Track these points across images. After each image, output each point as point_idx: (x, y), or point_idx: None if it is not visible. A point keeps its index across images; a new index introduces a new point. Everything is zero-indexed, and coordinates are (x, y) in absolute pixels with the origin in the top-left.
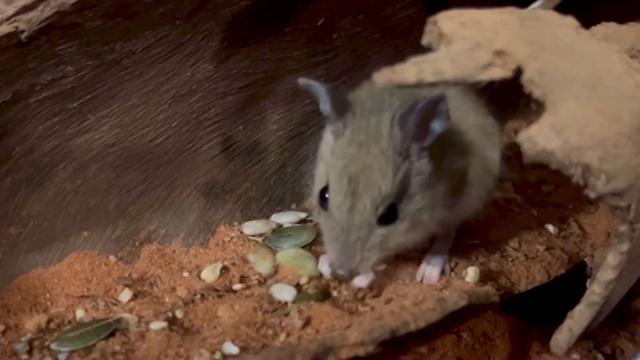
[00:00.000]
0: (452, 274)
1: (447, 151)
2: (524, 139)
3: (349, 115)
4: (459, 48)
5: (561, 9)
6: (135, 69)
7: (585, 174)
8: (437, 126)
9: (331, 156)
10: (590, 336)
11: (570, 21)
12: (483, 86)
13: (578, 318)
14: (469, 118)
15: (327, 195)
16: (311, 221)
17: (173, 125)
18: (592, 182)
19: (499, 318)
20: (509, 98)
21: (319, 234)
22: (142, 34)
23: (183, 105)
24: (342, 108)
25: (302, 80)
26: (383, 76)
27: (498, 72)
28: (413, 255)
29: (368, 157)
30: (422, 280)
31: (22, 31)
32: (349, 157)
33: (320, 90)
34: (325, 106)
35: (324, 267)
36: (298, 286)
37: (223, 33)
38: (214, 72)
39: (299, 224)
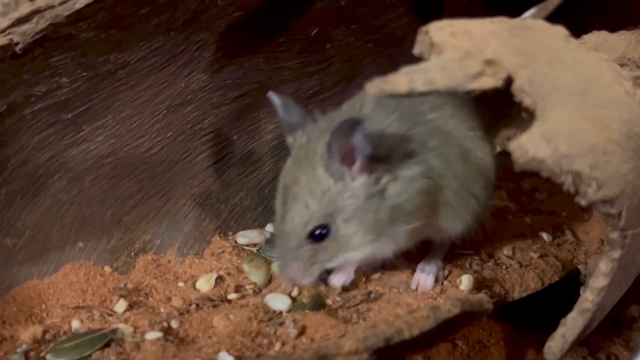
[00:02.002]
0: (446, 282)
1: (404, 175)
2: (515, 147)
3: (300, 131)
4: (450, 57)
5: (553, 18)
6: (130, 80)
7: (576, 182)
8: (363, 149)
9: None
10: (585, 343)
11: (559, 30)
12: (476, 96)
13: (571, 325)
14: (446, 139)
15: None
16: None
17: (168, 135)
18: (583, 190)
19: (494, 326)
20: (502, 107)
21: None
22: (136, 45)
23: (177, 115)
24: (294, 123)
25: (270, 94)
26: (375, 86)
27: (488, 82)
28: (407, 263)
29: (299, 172)
30: (416, 288)
31: (17, 43)
32: (287, 170)
33: (276, 103)
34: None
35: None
36: (292, 296)
37: (217, 44)
38: (208, 83)
39: None
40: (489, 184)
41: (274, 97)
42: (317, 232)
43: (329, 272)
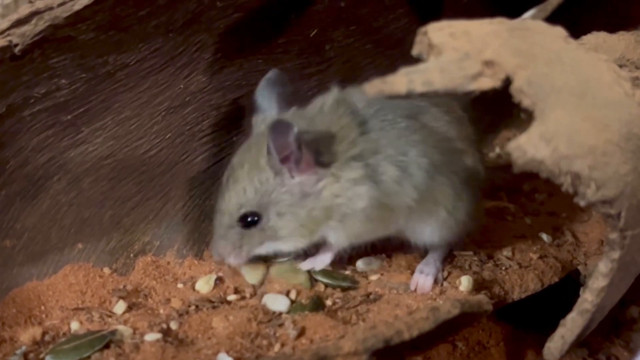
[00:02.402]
0: (446, 283)
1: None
2: (514, 148)
3: (265, 117)
4: (449, 58)
5: (552, 19)
6: (129, 82)
7: (575, 183)
8: (296, 153)
9: None
10: (585, 344)
11: (559, 31)
12: (476, 97)
13: (570, 326)
14: (420, 144)
15: None
16: None
17: (167, 137)
18: (582, 191)
19: (493, 327)
20: (502, 108)
21: None
22: (135, 47)
23: (177, 117)
24: (265, 106)
25: (273, 71)
26: (374, 87)
27: (487, 82)
28: (406, 265)
29: (247, 156)
30: (415, 289)
31: (16, 45)
32: (241, 150)
33: (266, 79)
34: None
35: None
36: (291, 297)
37: (216, 45)
38: (208, 84)
39: None
40: (467, 194)
41: (271, 74)
42: (249, 218)
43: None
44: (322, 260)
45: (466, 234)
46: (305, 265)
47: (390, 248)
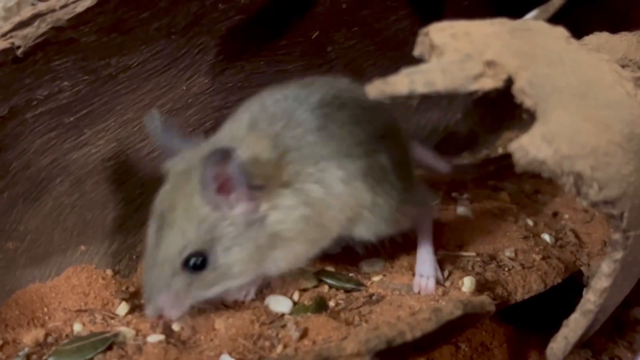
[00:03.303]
0: (448, 283)
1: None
2: (516, 148)
3: (179, 156)
4: (450, 59)
5: (554, 20)
6: (131, 84)
7: (577, 183)
8: (238, 179)
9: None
10: (588, 344)
11: (560, 31)
12: (478, 97)
13: (573, 326)
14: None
15: None
16: None
17: None
18: (585, 191)
19: (496, 328)
20: (504, 109)
21: None
22: (137, 49)
23: (179, 119)
24: (174, 147)
25: (151, 114)
26: (375, 88)
27: (489, 83)
28: (408, 266)
29: (177, 199)
30: (419, 292)
31: (18, 47)
32: (164, 195)
33: (154, 125)
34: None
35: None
36: (294, 299)
37: (218, 47)
38: (210, 86)
39: None
40: (388, 191)
41: (153, 118)
42: (193, 261)
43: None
44: (247, 291)
45: (413, 222)
46: (232, 297)
47: (392, 249)
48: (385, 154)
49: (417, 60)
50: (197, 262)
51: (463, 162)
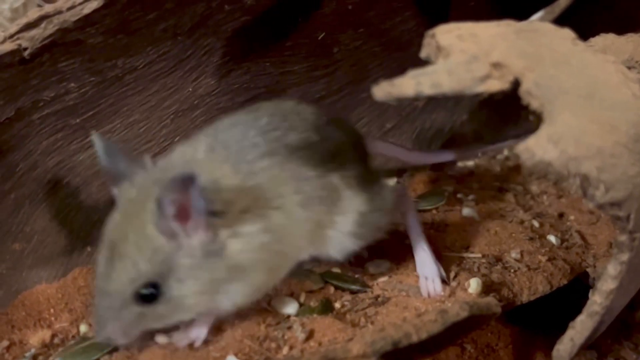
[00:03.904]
0: (455, 284)
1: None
2: (522, 150)
3: (127, 182)
4: (457, 61)
5: (560, 21)
6: (137, 85)
7: (583, 184)
8: (198, 205)
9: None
10: (594, 346)
11: (566, 33)
12: (483, 99)
13: (580, 328)
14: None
15: None
16: None
17: (175, 140)
18: (591, 193)
19: (502, 329)
20: (510, 110)
21: None
22: (143, 50)
23: (185, 120)
24: (121, 172)
25: (93, 137)
26: (382, 89)
27: (495, 84)
28: (414, 267)
29: (128, 228)
30: (428, 295)
31: (25, 48)
32: (114, 224)
33: (99, 149)
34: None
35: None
36: (300, 300)
37: (224, 48)
38: (216, 87)
39: None
40: (347, 209)
41: (97, 141)
42: (146, 293)
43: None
44: (198, 334)
45: (385, 229)
46: (182, 341)
47: (398, 250)
48: (339, 172)
49: (423, 61)
50: (148, 294)
51: (468, 148)
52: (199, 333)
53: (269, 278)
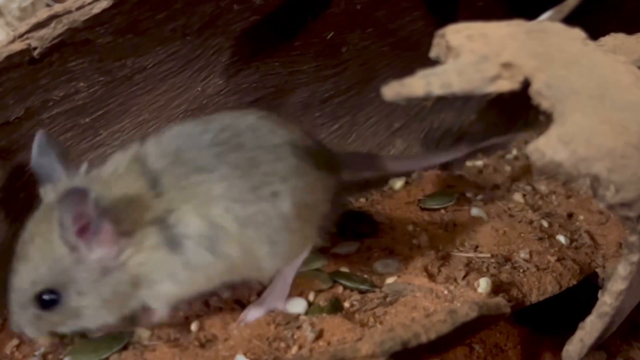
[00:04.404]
0: (464, 284)
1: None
2: (532, 150)
3: (51, 185)
4: (467, 61)
5: (570, 21)
6: (147, 85)
7: (594, 185)
8: (97, 221)
9: None
10: (604, 347)
11: (577, 33)
12: (491, 99)
13: (589, 329)
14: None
15: None
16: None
17: None
18: (601, 193)
19: (511, 330)
20: (518, 110)
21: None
22: (153, 50)
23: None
24: (49, 173)
25: (38, 134)
26: (391, 89)
27: (505, 85)
28: (422, 267)
29: (37, 231)
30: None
31: (35, 48)
32: (29, 223)
33: (35, 145)
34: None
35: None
36: (308, 299)
37: (233, 48)
38: (225, 87)
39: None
40: (284, 237)
41: (37, 138)
42: (45, 298)
43: None
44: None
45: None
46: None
47: (407, 250)
48: (288, 197)
49: (432, 61)
50: (48, 300)
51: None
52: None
53: (180, 290)
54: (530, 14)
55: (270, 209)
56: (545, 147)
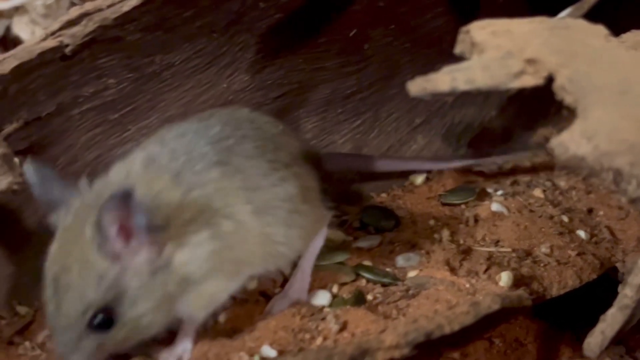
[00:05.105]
0: (485, 277)
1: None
2: (556, 144)
3: (63, 209)
4: (491, 56)
5: (591, 17)
6: (174, 81)
7: (616, 179)
8: (139, 221)
9: None
10: (622, 341)
11: (599, 29)
12: (512, 95)
13: (610, 321)
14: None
15: None
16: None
17: None
18: (623, 187)
19: (530, 324)
20: (539, 106)
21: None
22: (180, 47)
23: None
24: (55, 199)
25: (26, 164)
26: (417, 85)
27: (530, 80)
28: (444, 261)
29: (69, 258)
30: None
31: (67, 45)
32: (54, 256)
33: (30, 176)
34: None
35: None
36: (332, 291)
37: (258, 45)
38: (250, 83)
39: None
40: (298, 220)
41: (29, 168)
42: (98, 320)
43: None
44: (184, 349)
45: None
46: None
47: (428, 244)
48: (294, 181)
49: (453, 58)
50: (103, 322)
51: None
52: (185, 347)
53: (226, 284)
54: (550, 11)
55: (282, 192)
56: (569, 141)
